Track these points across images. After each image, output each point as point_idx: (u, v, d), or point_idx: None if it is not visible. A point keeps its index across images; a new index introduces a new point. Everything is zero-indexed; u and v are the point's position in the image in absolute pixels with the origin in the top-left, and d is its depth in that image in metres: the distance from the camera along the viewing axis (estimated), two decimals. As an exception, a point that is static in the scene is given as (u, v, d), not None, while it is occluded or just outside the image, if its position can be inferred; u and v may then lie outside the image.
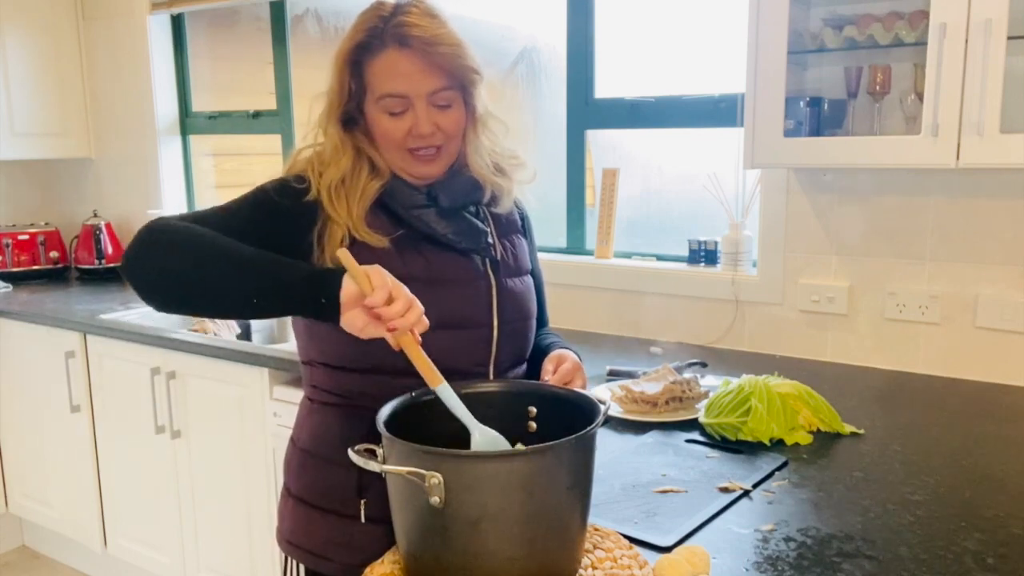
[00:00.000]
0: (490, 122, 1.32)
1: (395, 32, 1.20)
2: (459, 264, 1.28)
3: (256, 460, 2.32)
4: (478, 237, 1.29)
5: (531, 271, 1.42)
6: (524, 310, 1.35)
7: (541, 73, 2.59)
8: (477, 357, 1.28)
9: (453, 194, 1.28)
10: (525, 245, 1.42)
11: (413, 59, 1.20)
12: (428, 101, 1.22)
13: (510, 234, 1.38)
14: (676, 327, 2.30)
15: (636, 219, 2.49)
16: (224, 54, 3.40)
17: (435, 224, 1.26)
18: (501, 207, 1.36)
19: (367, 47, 1.22)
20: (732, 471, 1.38)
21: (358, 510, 1.22)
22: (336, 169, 1.24)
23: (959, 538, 1.13)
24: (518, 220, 1.42)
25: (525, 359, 1.38)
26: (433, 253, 1.26)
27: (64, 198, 3.71)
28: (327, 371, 1.29)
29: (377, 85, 1.22)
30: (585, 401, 1.09)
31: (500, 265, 1.32)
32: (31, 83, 3.31)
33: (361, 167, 1.25)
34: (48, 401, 2.87)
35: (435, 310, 1.21)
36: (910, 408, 1.74)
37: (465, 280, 1.28)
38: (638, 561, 1.05)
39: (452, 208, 1.28)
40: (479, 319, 1.28)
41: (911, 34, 1.71)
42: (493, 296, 1.30)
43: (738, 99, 2.01)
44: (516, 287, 1.34)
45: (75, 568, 3.10)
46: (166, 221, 1.15)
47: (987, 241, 1.88)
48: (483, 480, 0.92)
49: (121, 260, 1.13)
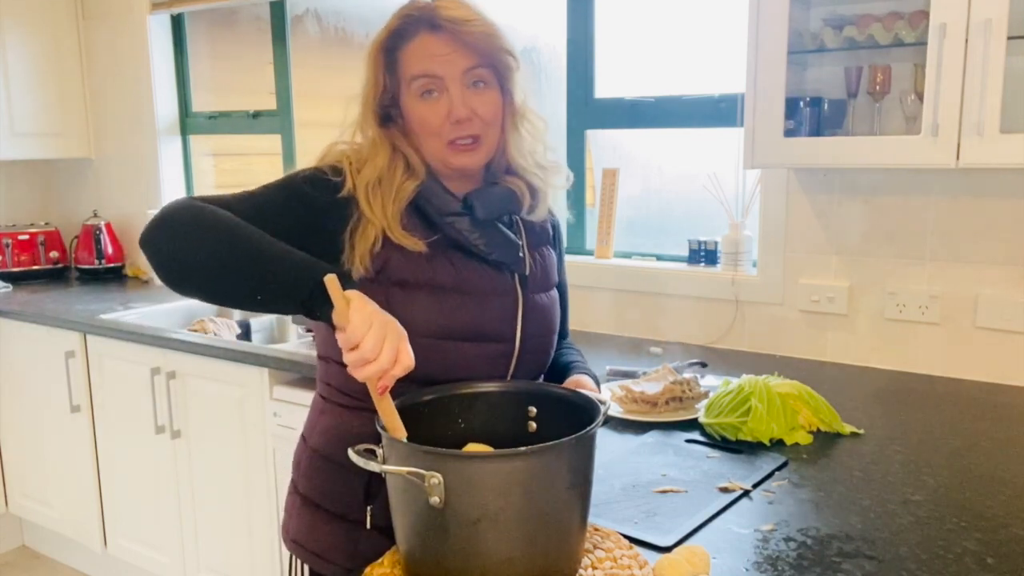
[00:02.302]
0: (530, 115, 1.28)
1: (426, 18, 1.18)
2: (488, 276, 1.25)
3: (256, 460, 2.32)
4: (511, 250, 1.26)
5: (558, 283, 1.39)
6: (548, 325, 1.32)
7: (541, 73, 2.59)
8: (495, 370, 1.25)
9: (489, 204, 1.25)
10: (554, 257, 1.39)
11: (445, 40, 1.18)
12: (462, 82, 1.19)
13: (541, 246, 1.35)
14: (676, 327, 2.30)
15: (636, 219, 2.49)
16: (224, 54, 3.39)
17: (468, 233, 1.23)
18: (536, 214, 1.32)
19: (400, 35, 1.20)
20: (732, 471, 1.38)
21: (364, 516, 1.21)
22: (372, 167, 1.21)
23: (959, 538, 1.13)
24: (550, 230, 1.39)
25: (543, 373, 1.36)
26: (463, 262, 1.23)
27: (64, 198, 3.71)
28: (341, 370, 1.25)
29: (409, 69, 1.20)
30: (585, 401, 1.08)
31: (529, 280, 1.29)
32: (31, 83, 3.31)
33: (396, 165, 1.22)
34: (48, 401, 2.87)
35: (458, 320, 1.20)
36: (910, 408, 1.74)
37: (493, 293, 1.25)
38: (638, 561, 1.05)
39: (487, 219, 1.25)
40: (502, 333, 1.25)
41: (911, 34, 1.71)
42: (519, 311, 1.27)
43: (738, 99, 2.01)
44: (542, 302, 1.31)
45: (75, 568, 3.10)
46: (191, 201, 1.11)
47: (987, 241, 1.88)
48: (483, 480, 0.92)
49: (142, 233, 1.09)
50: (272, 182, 1.22)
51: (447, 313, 1.20)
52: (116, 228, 3.48)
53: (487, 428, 1.12)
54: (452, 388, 1.14)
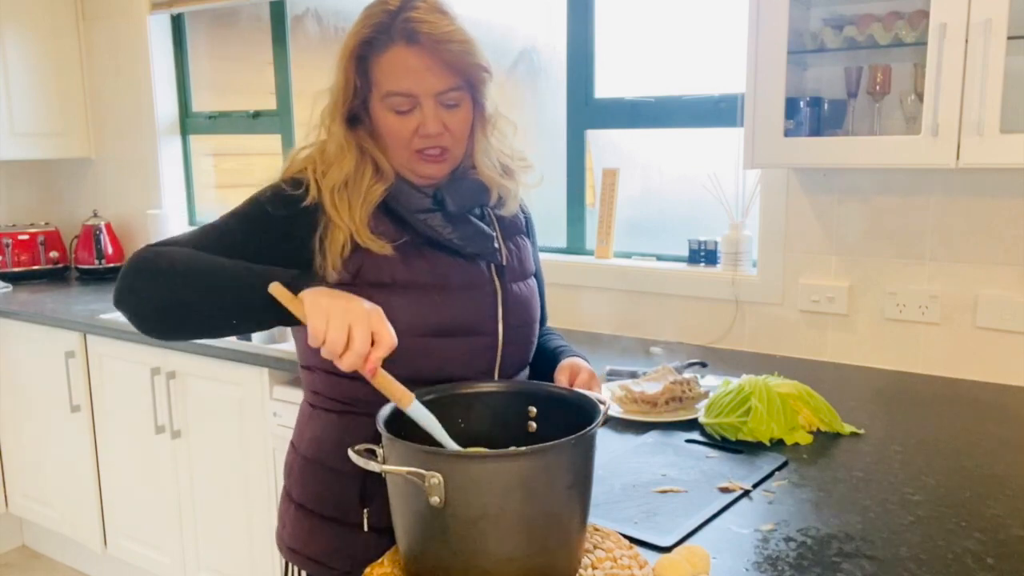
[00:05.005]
0: (499, 122, 1.29)
1: (403, 28, 1.15)
2: (465, 269, 1.25)
3: (256, 460, 2.32)
4: (485, 242, 1.27)
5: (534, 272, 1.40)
6: (529, 315, 1.33)
7: (541, 73, 2.59)
8: (482, 364, 1.26)
9: (460, 198, 1.25)
10: (529, 246, 1.40)
11: (421, 56, 1.16)
12: (436, 100, 1.18)
13: (515, 236, 1.36)
14: (676, 327, 2.30)
15: (636, 219, 2.49)
16: (224, 54, 3.39)
17: (441, 229, 1.23)
18: (506, 209, 1.33)
19: (373, 43, 1.17)
20: (732, 471, 1.37)
21: (361, 519, 1.20)
22: (339, 170, 1.20)
23: (959, 538, 1.13)
24: (522, 221, 1.40)
25: (528, 363, 1.37)
26: (438, 258, 1.23)
27: (64, 198, 3.71)
28: (327, 377, 1.26)
29: (384, 82, 1.18)
30: (585, 401, 1.08)
31: (506, 270, 1.30)
32: (31, 83, 3.31)
33: (365, 168, 1.21)
34: (48, 401, 2.87)
35: (440, 317, 1.20)
36: (910, 408, 1.74)
37: (470, 286, 1.25)
38: (638, 561, 1.05)
39: (459, 212, 1.25)
40: (485, 326, 1.26)
41: (911, 34, 1.71)
42: (499, 302, 1.27)
43: (738, 99, 2.01)
44: (521, 291, 1.32)
45: (75, 568, 3.10)
46: (147, 248, 1.13)
47: (987, 241, 1.88)
48: (483, 480, 0.92)
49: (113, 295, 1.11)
50: (235, 209, 1.23)
51: (428, 311, 1.20)
52: (116, 228, 3.48)
53: (487, 428, 1.12)
54: (452, 388, 1.13)
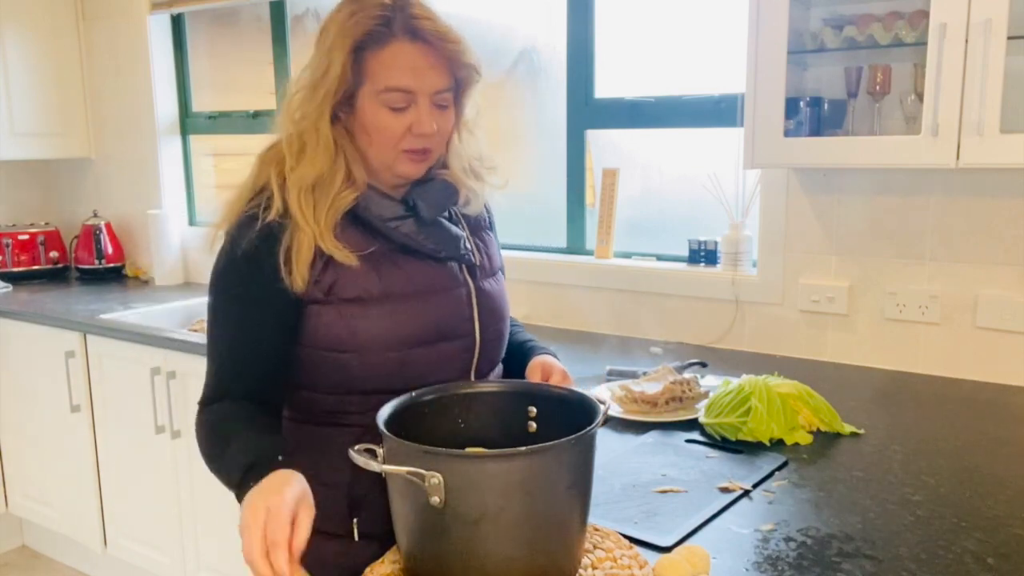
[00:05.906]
0: (476, 129, 1.28)
1: (405, 23, 1.13)
2: (438, 273, 1.23)
3: (256, 460, 2.32)
4: (457, 244, 1.25)
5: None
6: (501, 311, 1.32)
7: (541, 73, 2.59)
8: (460, 366, 1.25)
9: (432, 202, 1.23)
10: (494, 241, 1.39)
11: (425, 53, 1.14)
12: (431, 99, 1.17)
13: (480, 232, 1.35)
14: (676, 327, 2.30)
15: (636, 219, 2.49)
16: (224, 54, 3.39)
17: (415, 235, 1.20)
18: (471, 209, 1.32)
19: (373, 35, 1.13)
20: (732, 471, 1.38)
21: (351, 529, 1.19)
22: (311, 167, 1.16)
23: (959, 538, 1.13)
24: (485, 215, 1.38)
25: (500, 360, 1.35)
26: (412, 265, 1.21)
27: (64, 198, 3.71)
28: (310, 393, 1.24)
29: (381, 77, 1.14)
30: (585, 401, 1.08)
31: (477, 269, 1.29)
32: (31, 83, 3.31)
33: (337, 172, 1.17)
34: (48, 401, 2.87)
35: (417, 325, 1.19)
36: (910, 408, 1.74)
37: (444, 289, 1.23)
38: (638, 561, 1.05)
39: (432, 217, 1.23)
40: (461, 328, 1.24)
41: (911, 34, 1.71)
42: (473, 302, 1.26)
43: (738, 99, 2.01)
44: (492, 288, 1.31)
45: (75, 568, 3.10)
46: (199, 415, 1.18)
47: (987, 241, 1.88)
48: (483, 480, 0.92)
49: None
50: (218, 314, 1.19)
51: (405, 321, 1.18)
52: (116, 228, 3.48)
53: (487, 428, 1.13)
54: (452, 388, 1.14)
